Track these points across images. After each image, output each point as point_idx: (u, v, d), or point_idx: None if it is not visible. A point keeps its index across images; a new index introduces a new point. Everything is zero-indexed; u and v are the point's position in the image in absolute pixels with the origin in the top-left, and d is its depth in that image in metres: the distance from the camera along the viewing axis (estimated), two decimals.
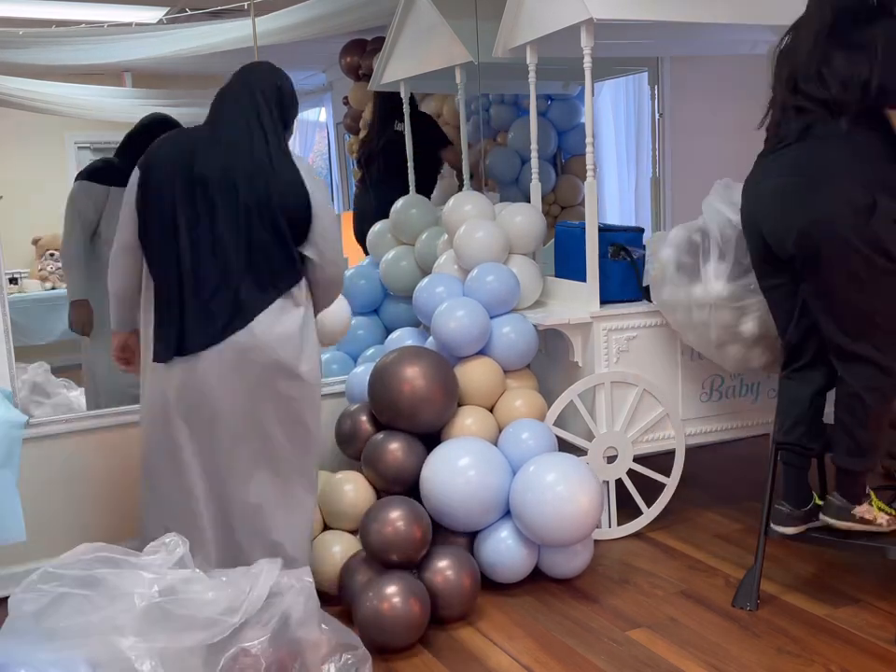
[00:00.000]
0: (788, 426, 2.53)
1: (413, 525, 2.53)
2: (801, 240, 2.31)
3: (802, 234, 2.30)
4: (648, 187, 4.44)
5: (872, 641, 2.36)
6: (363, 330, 3.63)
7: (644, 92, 4.55)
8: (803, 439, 2.52)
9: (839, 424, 2.42)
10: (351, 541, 2.75)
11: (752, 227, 2.49)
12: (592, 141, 2.97)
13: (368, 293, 3.67)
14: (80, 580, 1.83)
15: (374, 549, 2.54)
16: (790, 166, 2.37)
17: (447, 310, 2.98)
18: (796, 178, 2.34)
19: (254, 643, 1.83)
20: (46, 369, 3.56)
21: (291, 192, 2.26)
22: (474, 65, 3.42)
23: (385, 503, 2.62)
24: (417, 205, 3.60)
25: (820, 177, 2.29)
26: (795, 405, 2.52)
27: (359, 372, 3.20)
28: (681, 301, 2.84)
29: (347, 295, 3.63)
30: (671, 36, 3.40)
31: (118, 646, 1.73)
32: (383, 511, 2.57)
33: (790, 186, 2.35)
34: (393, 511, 2.55)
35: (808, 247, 2.31)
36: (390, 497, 2.68)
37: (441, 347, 3.02)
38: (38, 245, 4.51)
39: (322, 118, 5.54)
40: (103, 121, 4.68)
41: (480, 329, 2.97)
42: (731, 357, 2.87)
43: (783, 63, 2.47)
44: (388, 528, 2.51)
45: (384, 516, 2.54)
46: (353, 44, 4.72)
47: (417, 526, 2.54)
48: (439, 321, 2.99)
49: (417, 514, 2.58)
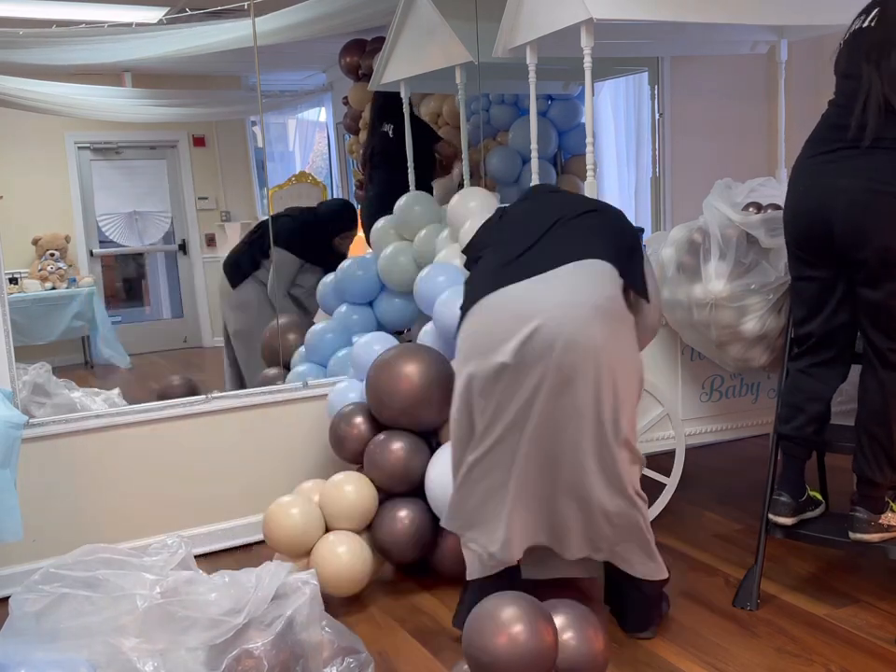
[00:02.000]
0: (802, 421, 2.50)
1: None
2: (885, 251, 2.24)
3: (887, 248, 2.23)
4: (648, 187, 4.45)
5: (872, 641, 2.36)
6: (357, 315, 3.62)
7: (644, 92, 4.55)
8: (814, 435, 2.51)
9: (869, 436, 2.38)
10: (356, 541, 2.71)
11: (816, 220, 2.36)
12: (592, 141, 2.96)
13: (364, 284, 3.62)
14: (82, 580, 1.84)
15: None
16: (880, 170, 2.25)
17: (450, 298, 2.94)
18: (892, 186, 2.23)
19: (257, 645, 1.83)
20: (47, 369, 3.55)
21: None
22: (474, 65, 3.42)
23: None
24: (421, 202, 3.59)
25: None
26: (813, 403, 2.49)
27: (341, 388, 3.19)
28: (681, 301, 2.84)
29: (342, 285, 3.65)
30: (671, 36, 3.39)
31: (119, 647, 1.74)
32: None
33: (883, 192, 2.24)
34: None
35: (890, 259, 2.25)
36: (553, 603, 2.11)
37: (442, 334, 2.99)
38: (38, 244, 4.51)
39: (322, 118, 5.55)
40: (103, 121, 4.69)
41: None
42: (731, 357, 2.87)
43: (873, 50, 2.27)
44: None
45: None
46: (353, 44, 4.73)
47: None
48: (441, 309, 2.95)
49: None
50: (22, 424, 2.54)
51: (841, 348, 2.47)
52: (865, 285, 2.33)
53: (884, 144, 2.24)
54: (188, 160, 4.99)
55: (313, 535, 2.70)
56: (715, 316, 2.77)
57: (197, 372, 4.83)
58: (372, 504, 2.78)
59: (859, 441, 2.42)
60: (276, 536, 2.68)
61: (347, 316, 3.64)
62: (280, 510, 2.70)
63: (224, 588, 1.88)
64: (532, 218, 2.44)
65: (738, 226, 2.69)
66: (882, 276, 2.28)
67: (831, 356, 2.48)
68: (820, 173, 2.36)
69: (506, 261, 2.32)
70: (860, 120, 2.26)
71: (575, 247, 2.29)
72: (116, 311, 4.95)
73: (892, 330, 2.32)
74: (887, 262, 2.26)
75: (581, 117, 4.70)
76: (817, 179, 2.37)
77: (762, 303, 2.69)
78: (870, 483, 2.40)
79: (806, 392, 2.52)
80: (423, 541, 2.77)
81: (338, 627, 2.07)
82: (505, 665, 1.80)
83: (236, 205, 5.10)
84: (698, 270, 2.79)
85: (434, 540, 2.79)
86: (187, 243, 5.08)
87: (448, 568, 2.76)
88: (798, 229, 2.44)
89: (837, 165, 2.32)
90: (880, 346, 2.34)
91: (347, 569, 2.65)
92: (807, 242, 2.42)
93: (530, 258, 2.29)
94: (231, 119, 5.12)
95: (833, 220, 2.32)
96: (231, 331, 4.39)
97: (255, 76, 3.71)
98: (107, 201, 4.86)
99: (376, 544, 2.78)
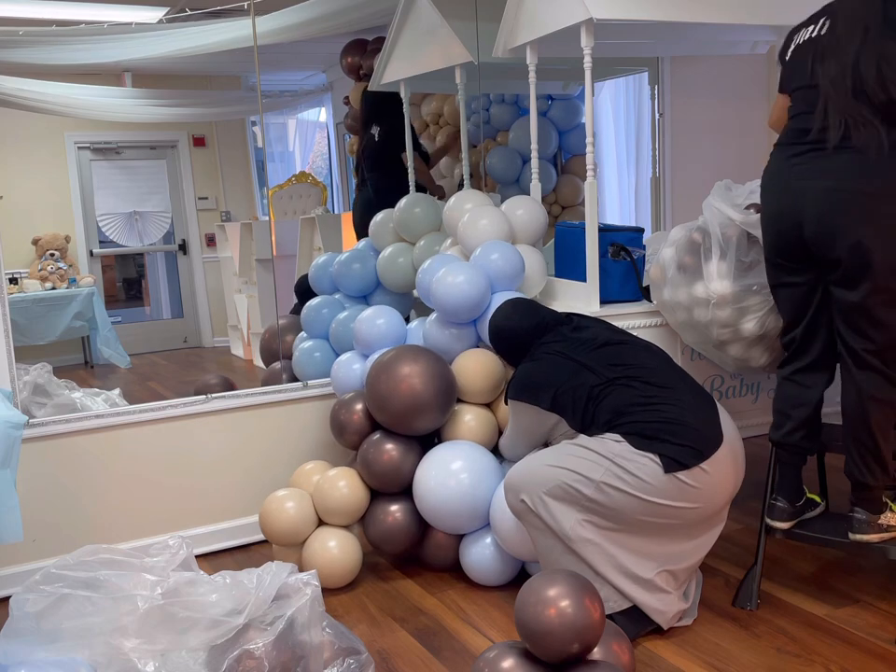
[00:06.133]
0: (789, 428, 2.52)
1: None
2: (857, 249, 2.23)
3: (859, 244, 2.23)
4: (648, 187, 4.45)
5: (872, 641, 2.36)
6: (349, 304, 3.60)
7: (644, 92, 4.56)
8: (804, 441, 2.51)
9: (854, 440, 2.38)
10: (346, 537, 2.84)
11: (787, 223, 2.37)
12: (592, 141, 2.96)
13: (361, 279, 3.59)
14: (83, 581, 1.84)
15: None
16: (847, 170, 2.25)
17: (447, 272, 2.92)
18: (859, 184, 2.23)
19: (258, 645, 1.83)
20: (48, 370, 3.55)
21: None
22: (474, 65, 3.42)
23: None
24: (421, 204, 3.58)
25: (892, 190, 2.20)
26: (800, 409, 2.50)
27: (343, 361, 3.22)
28: (682, 301, 2.84)
29: (339, 279, 3.64)
30: (671, 36, 3.39)
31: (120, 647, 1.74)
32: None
33: (851, 191, 2.24)
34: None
35: (863, 257, 2.24)
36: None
37: (437, 310, 2.98)
38: (38, 244, 4.52)
39: (322, 118, 5.55)
40: (103, 121, 4.69)
41: (479, 293, 2.89)
42: (731, 357, 2.87)
43: (828, 57, 2.29)
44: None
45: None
46: (353, 44, 4.73)
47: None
48: (437, 286, 2.92)
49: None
50: (22, 424, 2.54)
51: (822, 352, 2.47)
52: (840, 285, 2.33)
53: (848, 144, 2.25)
54: (188, 160, 5.00)
55: (306, 529, 2.85)
56: (715, 315, 2.77)
57: (197, 372, 4.84)
58: (364, 499, 2.87)
59: (846, 446, 2.41)
60: (271, 529, 2.85)
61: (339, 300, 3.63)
62: (276, 503, 2.86)
63: (225, 589, 1.88)
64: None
65: (738, 225, 2.69)
66: (858, 276, 2.27)
67: (812, 360, 2.48)
68: (789, 176, 2.37)
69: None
70: (821, 124, 2.28)
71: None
72: (116, 311, 4.95)
73: (866, 329, 2.31)
74: (861, 260, 2.25)
75: (582, 117, 4.71)
76: (787, 183, 2.38)
77: (762, 304, 2.70)
78: (863, 486, 2.40)
79: (792, 398, 2.52)
80: (412, 535, 2.86)
81: (338, 628, 2.07)
82: (554, 636, 1.87)
83: (236, 205, 5.10)
84: (699, 269, 2.79)
85: (423, 533, 2.89)
86: (187, 243, 5.09)
87: (434, 560, 2.90)
88: (772, 234, 2.46)
89: (804, 167, 2.34)
90: (854, 346, 2.33)
91: (338, 563, 2.80)
92: (784, 246, 2.43)
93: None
94: (231, 118, 5.12)
95: (803, 222, 2.33)
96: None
97: (255, 76, 3.71)
98: (107, 201, 4.87)
99: (368, 538, 2.90)
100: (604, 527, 2.34)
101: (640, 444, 2.30)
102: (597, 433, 2.37)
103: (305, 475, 2.98)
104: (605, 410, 2.37)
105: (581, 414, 2.40)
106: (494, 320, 2.73)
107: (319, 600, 2.00)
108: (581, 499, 2.31)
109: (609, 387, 2.39)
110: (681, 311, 2.86)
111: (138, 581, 1.83)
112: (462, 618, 2.61)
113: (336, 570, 2.80)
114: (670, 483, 2.27)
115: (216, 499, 3.24)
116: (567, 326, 2.60)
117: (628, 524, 2.33)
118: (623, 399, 2.38)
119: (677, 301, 2.86)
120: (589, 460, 2.32)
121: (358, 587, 2.87)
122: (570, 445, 2.40)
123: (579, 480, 2.31)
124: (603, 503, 2.30)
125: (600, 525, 2.33)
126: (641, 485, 2.27)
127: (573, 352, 2.48)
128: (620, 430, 2.34)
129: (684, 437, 2.30)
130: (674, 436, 2.30)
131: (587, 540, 2.33)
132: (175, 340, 5.12)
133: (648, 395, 2.37)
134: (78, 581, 1.84)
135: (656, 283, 2.94)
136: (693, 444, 2.30)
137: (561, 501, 2.33)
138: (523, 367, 2.56)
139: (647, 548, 2.37)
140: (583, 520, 2.33)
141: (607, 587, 2.33)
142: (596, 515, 2.32)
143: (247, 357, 4.97)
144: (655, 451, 2.28)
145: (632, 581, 2.35)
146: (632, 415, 2.34)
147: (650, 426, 2.32)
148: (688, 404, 2.38)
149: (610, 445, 2.32)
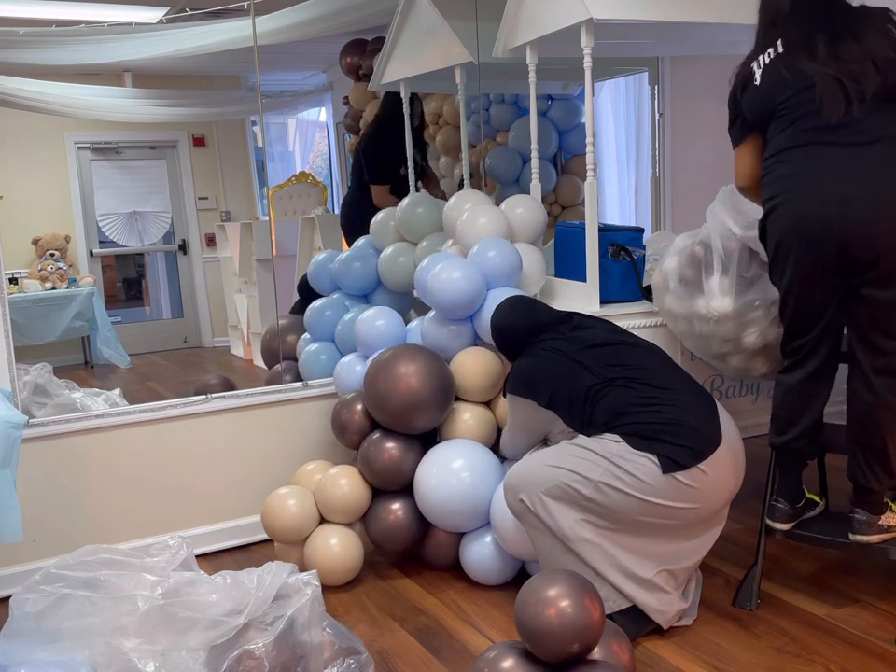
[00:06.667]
0: (794, 434, 2.48)
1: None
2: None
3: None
4: (648, 187, 4.45)
5: (872, 641, 2.36)
6: (350, 302, 3.60)
7: (644, 92, 4.56)
8: (806, 446, 2.49)
9: (860, 445, 2.36)
10: (348, 534, 2.85)
11: (818, 226, 2.25)
12: (592, 141, 2.96)
13: (361, 278, 3.58)
14: (83, 581, 1.84)
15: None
16: (884, 164, 2.19)
17: (443, 268, 2.92)
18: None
19: (258, 645, 1.83)
20: (48, 370, 3.55)
21: None
22: (474, 65, 3.42)
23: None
24: (423, 204, 3.58)
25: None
26: (806, 416, 2.46)
27: (346, 362, 3.23)
28: (683, 313, 2.82)
29: (339, 277, 3.64)
30: (671, 36, 3.40)
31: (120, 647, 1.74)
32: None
33: (892, 187, 2.18)
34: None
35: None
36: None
37: (434, 306, 2.97)
38: (38, 244, 4.52)
39: (322, 118, 5.56)
40: (103, 121, 4.70)
41: (475, 289, 2.88)
42: (732, 367, 2.86)
43: (803, 54, 2.28)
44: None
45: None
46: (353, 44, 4.74)
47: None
48: (434, 282, 2.92)
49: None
50: (22, 424, 2.54)
51: (827, 359, 2.43)
52: (873, 285, 2.24)
53: (874, 129, 2.20)
54: (188, 160, 5.01)
55: (308, 526, 2.86)
56: (716, 330, 2.74)
57: (197, 373, 4.84)
58: (366, 497, 2.88)
59: (850, 450, 2.39)
60: (274, 526, 2.87)
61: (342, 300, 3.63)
62: (278, 500, 2.87)
63: (225, 589, 1.88)
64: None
65: (739, 237, 2.65)
66: (894, 272, 2.21)
67: (817, 367, 2.42)
68: (816, 176, 2.26)
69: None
70: (843, 108, 2.21)
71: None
72: (116, 311, 4.96)
73: (893, 330, 2.27)
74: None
75: (582, 117, 4.71)
76: (815, 184, 2.26)
77: (763, 317, 2.66)
78: (866, 490, 2.39)
79: (800, 407, 2.47)
80: (413, 533, 2.86)
81: (339, 628, 2.07)
82: (554, 636, 1.87)
83: (236, 205, 5.11)
84: (700, 283, 2.74)
85: (424, 532, 2.89)
86: (187, 243, 5.09)
87: (434, 559, 2.90)
88: (797, 240, 2.30)
89: (836, 167, 2.24)
90: (879, 348, 2.28)
91: (340, 560, 2.81)
92: (810, 252, 2.29)
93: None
94: (231, 118, 5.13)
95: (847, 227, 2.21)
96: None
97: (255, 76, 3.71)
98: (107, 201, 4.87)
99: (369, 536, 2.90)
100: (603, 527, 2.34)
101: (639, 444, 2.30)
102: (596, 433, 2.37)
103: (307, 475, 2.99)
104: (602, 410, 2.37)
105: (578, 414, 2.40)
106: (494, 318, 2.73)
107: (319, 600, 2.00)
108: (579, 499, 2.32)
109: (607, 388, 2.39)
110: (682, 322, 2.84)
111: (138, 581, 1.83)
112: (462, 618, 2.62)
113: (338, 568, 2.82)
114: (668, 484, 2.27)
115: (216, 499, 3.24)
116: (566, 324, 2.60)
117: (627, 523, 2.33)
118: (621, 399, 2.38)
119: (678, 313, 2.83)
120: (587, 460, 2.32)
121: (358, 587, 2.87)
122: (569, 445, 2.40)
123: (577, 480, 2.31)
124: (601, 503, 2.30)
125: (599, 524, 2.33)
126: (639, 485, 2.27)
127: (571, 351, 2.48)
128: (619, 431, 2.34)
129: (683, 437, 2.30)
130: (673, 436, 2.30)
131: (586, 540, 2.33)
132: (175, 340, 5.12)
133: (647, 395, 2.37)
134: (78, 581, 1.84)
135: (659, 289, 2.92)
136: (691, 445, 2.30)
137: (560, 501, 2.33)
138: (520, 363, 2.57)
139: (646, 548, 2.37)
140: (582, 520, 2.33)
141: (606, 587, 2.33)
142: (595, 515, 2.33)
143: (247, 357, 4.97)
144: (653, 451, 2.28)
145: (631, 580, 2.36)
146: (631, 416, 2.35)
147: (649, 426, 2.32)
148: (687, 404, 2.38)
149: (609, 445, 2.32)
